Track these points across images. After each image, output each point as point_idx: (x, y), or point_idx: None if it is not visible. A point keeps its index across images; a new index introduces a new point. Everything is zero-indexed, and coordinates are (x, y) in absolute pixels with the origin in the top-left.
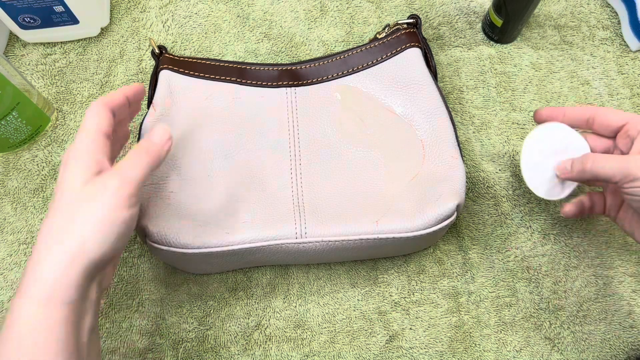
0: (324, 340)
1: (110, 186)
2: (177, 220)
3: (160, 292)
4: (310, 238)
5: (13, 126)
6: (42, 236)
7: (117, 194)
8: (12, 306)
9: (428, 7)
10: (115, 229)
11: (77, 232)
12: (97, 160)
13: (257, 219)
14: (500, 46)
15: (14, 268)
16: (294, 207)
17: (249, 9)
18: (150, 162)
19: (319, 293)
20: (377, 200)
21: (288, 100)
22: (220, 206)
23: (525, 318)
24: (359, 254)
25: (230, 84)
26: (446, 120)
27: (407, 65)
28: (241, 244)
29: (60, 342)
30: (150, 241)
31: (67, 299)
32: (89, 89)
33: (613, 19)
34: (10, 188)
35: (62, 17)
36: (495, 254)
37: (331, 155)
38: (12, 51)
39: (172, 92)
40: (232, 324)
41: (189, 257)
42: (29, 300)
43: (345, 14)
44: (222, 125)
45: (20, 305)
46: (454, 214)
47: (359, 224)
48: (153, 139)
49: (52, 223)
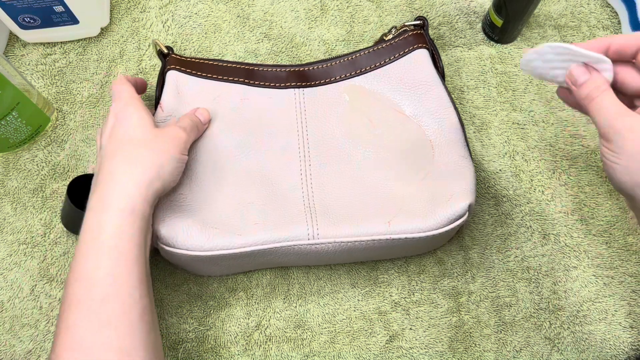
0: (324, 341)
1: (181, 137)
2: (188, 222)
3: (160, 292)
4: (323, 239)
5: (13, 126)
6: (116, 164)
7: (183, 144)
8: (93, 220)
9: (428, 7)
10: (179, 165)
11: (157, 161)
12: (146, 108)
13: (269, 221)
14: (501, 46)
15: (14, 268)
16: (304, 209)
17: (249, 9)
18: (197, 133)
19: (319, 293)
20: (388, 200)
21: (296, 101)
22: (231, 208)
23: (525, 318)
24: (369, 255)
25: (238, 85)
26: (455, 120)
27: (415, 67)
28: (253, 245)
29: (140, 248)
30: (162, 244)
31: (145, 212)
32: (89, 89)
33: (613, 19)
34: (10, 188)
35: (62, 17)
36: (495, 254)
37: (340, 156)
38: (12, 51)
39: (179, 93)
40: (232, 324)
41: (200, 259)
42: (115, 212)
43: (345, 13)
44: (230, 127)
45: (106, 217)
46: (466, 214)
47: (371, 224)
48: (199, 117)
49: (130, 152)
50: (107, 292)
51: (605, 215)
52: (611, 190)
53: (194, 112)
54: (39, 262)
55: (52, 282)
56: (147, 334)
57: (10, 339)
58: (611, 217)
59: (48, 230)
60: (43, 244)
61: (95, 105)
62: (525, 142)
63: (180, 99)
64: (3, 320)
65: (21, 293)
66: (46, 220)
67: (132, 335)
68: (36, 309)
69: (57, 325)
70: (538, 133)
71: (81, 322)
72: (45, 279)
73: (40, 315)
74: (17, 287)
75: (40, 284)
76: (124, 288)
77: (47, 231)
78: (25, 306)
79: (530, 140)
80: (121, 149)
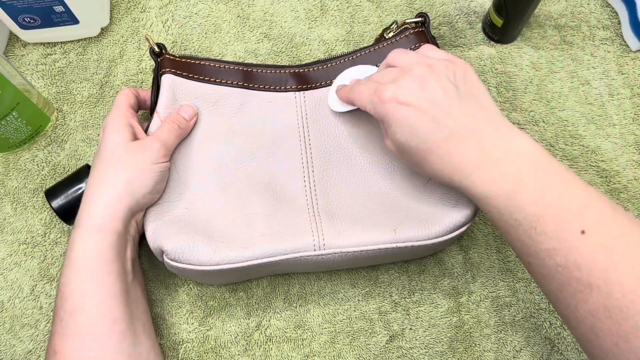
0: (324, 341)
1: (151, 147)
2: (194, 236)
3: (160, 293)
4: (329, 250)
5: (13, 126)
6: (92, 181)
7: (156, 153)
8: (71, 238)
9: (428, 7)
10: (154, 175)
11: (124, 175)
12: (129, 124)
13: (274, 232)
14: (501, 46)
15: (14, 268)
16: (309, 217)
17: (249, 9)
18: (181, 133)
19: (319, 293)
20: (393, 206)
21: (297, 105)
22: (236, 219)
23: (525, 318)
24: (375, 261)
25: (237, 89)
26: None
27: None
28: (260, 258)
29: (109, 264)
30: (168, 259)
31: (115, 228)
32: (89, 89)
33: (613, 19)
34: (10, 188)
35: (62, 17)
36: (495, 254)
37: (343, 161)
38: (12, 51)
39: (176, 99)
40: (233, 325)
41: (207, 273)
42: (84, 230)
43: (345, 13)
44: (231, 134)
45: (75, 234)
46: (471, 220)
47: (377, 232)
48: (183, 115)
49: (101, 172)
50: (74, 307)
51: None
52: (611, 191)
53: (177, 111)
54: (39, 262)
55: (53, 282)
56: (119, 344)
57: (11, 339)
58: None
59: (48, 230)
60: (43, 244)
61: (96, 105)
62: None
63: (177, 105)
64: (3, 320)
65: (21, 293)
66: (46, 220)
67: (99, 345)
68: (36, 309)
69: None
70: (538, 133)
71: (56, 331)
72: (46, 279)
73: (41, 315)
74: (17, 287)
75: (40, 284)
76: (91, 302)
77: (48, 231)
78: (25, 306)
79: None
80: (95, 168)
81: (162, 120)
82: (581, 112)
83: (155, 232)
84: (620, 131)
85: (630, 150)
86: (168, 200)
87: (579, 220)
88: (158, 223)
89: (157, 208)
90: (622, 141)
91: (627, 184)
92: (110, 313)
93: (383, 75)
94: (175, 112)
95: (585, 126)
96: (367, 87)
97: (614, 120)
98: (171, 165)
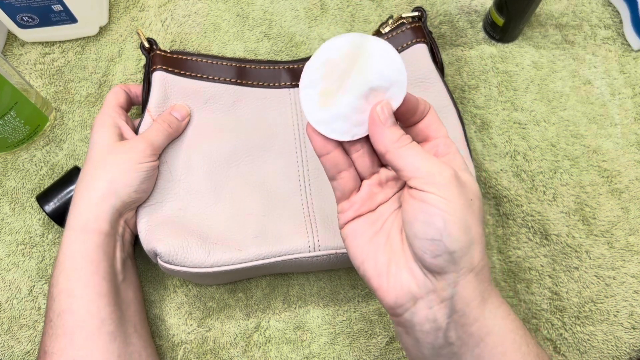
0: (324, 342)
1: (137, 147)
2: (187, 238)
3: (159, 294)
4: (324, 251)
5: (11, 126)
6: (79, 183)
7: (141, 152)
8: (61, 239)
9: (429, 6)
10: (138, 175)
11: (107, 176)
12: (116, 124)
13: (269, 233)
14: (502, 45)
15: (12, 268)
16: (304, 218)
17: (249, 8)
18: (172, 133)
19: (319, 294)
20: None
21: (291, 102)
22: (230, 220)
23: (526, 319)
24: None
25: (229, 85)
26: (455, 119)
27: (414, 63)
28: (254, 260)
29: (95, 265)
30: (162, 261)
31: (100, 229)
32: (88, 88)
33: (615, 18)
34: (8, 188)
35: (61, 16)
36: (496, 254)
37: None
38: (11, 50)
39: (168, 97)
40: (232, 326)
41: (202, 275)
42: (70, 232)
43: (345, 12)
44: (224, 132)
45: (64, 236)
46: None
47: None
48: (175, 114)
49: (87, 173)
50: (62, 307)
51: (606, 216)
52: (613, 191)
53: (169, 110)
54: (38, 263)
55: None
56: (108, 344)
57: (9, 340)
58: (613, 218)
59: (46, 230)
60: (41, 244)
61: (94, 104)
62: (527, 141)
63: (169, 103)
64: (1, 321)
65: (19, 294)
66: (45, 220)
67: (88, 345)
68: (34, 309)
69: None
70: (539, 133)
71: (45, 332)
72: (44, 279)
73: (39, 316)
74: (15, 288)
75: (38, 285)
76: (79, 303)
77: (46, 231)
78: (23, 307)
79: (531, 140)
80: (83, 170)
81: (154, 118)
82: (582, 112)
83: (149, 234)
84: (621, 131)
85: (632, 150)
86: (161, 200)
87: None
88: (151, 225)
89: (149, 209)
90: (624, 141)
91: (628, 184)
92: (98, 313)
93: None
94: (168, 111)
95: (587, 126)
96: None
97: (616, 120)
98: (163, 164)
